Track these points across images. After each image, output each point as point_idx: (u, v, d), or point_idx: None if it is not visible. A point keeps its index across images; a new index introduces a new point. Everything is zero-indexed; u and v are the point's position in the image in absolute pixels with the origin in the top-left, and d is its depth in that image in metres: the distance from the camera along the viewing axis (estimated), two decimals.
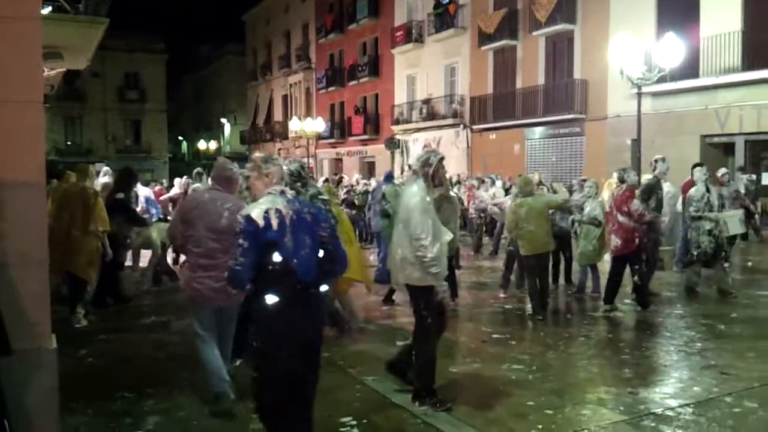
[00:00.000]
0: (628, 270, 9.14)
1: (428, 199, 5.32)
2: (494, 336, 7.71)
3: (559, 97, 24.61)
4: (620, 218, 8.96)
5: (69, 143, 51.26)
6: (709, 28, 19.00)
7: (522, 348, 7.29)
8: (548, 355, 7.01)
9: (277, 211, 3.78)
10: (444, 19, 30.02)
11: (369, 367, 6.59)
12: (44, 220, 4.51)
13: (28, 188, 4.31)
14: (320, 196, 6.56)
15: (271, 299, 3.74)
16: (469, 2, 29.23)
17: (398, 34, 33.02)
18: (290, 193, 3.98)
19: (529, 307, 9.09)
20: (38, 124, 4.42)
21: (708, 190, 10.25)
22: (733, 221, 10.39)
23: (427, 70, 31.93)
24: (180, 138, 66.81)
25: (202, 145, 57.86)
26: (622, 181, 9.27)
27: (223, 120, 56.93)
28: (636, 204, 9.03)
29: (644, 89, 14.61)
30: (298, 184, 6.16)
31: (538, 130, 25.86)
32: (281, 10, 46.26)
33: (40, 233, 4.43)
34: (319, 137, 37.72)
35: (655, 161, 10.32)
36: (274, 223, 3.74)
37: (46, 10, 11.02)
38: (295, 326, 3.78)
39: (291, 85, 44.50)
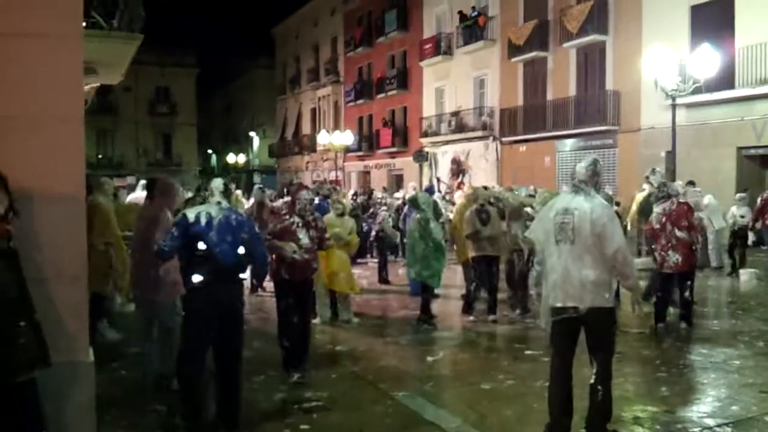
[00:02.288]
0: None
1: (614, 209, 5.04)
2: (527, 352, 7.60)
3: (590, 109, 24.40)
4: (679, 233, 8.63)
5: (100, 156, 51.96)
6: (744, 39, 18.72)
7: None
8: (583, 372, 6.87)
9: (208, 213, 5.08)
10: (473, 31, 29.97)
11: (399, 382, 6.56)
12: (83, 234, 4.56)
13: (66, 203, 4.37)
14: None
15: (196, 278, 5.03)
16: (498, 14, 29.19)
17: (427, 46, 33.04)
18: (225, 204, 5.23)
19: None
20: (78, 139, 4.49)
21: None
22: None
23: (456, 82, 31.88)
24: (209, 151, 67.50)
25: (231, 158, 58.32)
26: (667, 196, 8.94)
27: (252, 133, 57.35)
28: (698, 216, 8.88)
29: (679, 100, 14.48)
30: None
31: (570, 142, 25.64)
32: (310, 24, 46.63)
33: (79, 247, 4.48)
34: (348, 150, 37.80)
35: (651, 173, 10.22)
36: (203, 221, 5.03)
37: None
38: (216, 295, 5.03)
39: (320, 99, 44.74)
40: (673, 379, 6.69)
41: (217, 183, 5.35)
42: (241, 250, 5.14)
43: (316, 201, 9.08)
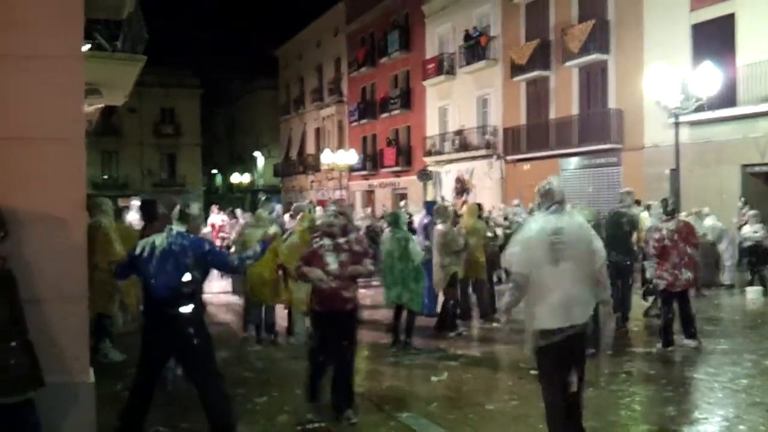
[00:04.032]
0: None
1: None
2: (532, 372, 7.48)
3: (594, 127, 24.40)
4: (690, 251, 8.68)
5: (105, 177, 52.18)
6: (746, 56, 18.75)
7: None
8: (588, 392, 6.81)
9: (152, 243, 4.99)
10: (475, 51, 30.11)
11: (402, 403, 6.51)
12: (83, 255, 4.56)
13: (66, 224, 4.36)
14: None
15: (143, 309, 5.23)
16: (500, 34, 29.34)
17: (430, 66, 33.20)
18: (179, 229, 5.04)
19: None
20: (78, 160, 4.49)
21: None
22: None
23: (459, 101, 31.98)
24: (214, 171, 67.71)
25: (235, 178, 58.47)
26: (672, 213, 8.86)
27: (257, 153, 57.55)
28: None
29: (681, 118, 14.48)
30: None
31: (574, 161, 25.64)
32: (313, 45, 46.90)
33: (79, 269, 4.47)
34: (352, 169, 37.90)
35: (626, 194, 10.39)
36: (146, 252, 4.97)
37: (86, 48, 11.32)
38: (156, 328, 5.03)
39: (323, 119, 44.91)
40: (680, 398, 6.63)
41: (176, 210, 5.21)
42: (187, 276, 4.91)
43: None
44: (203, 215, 5.44)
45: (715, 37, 19.73)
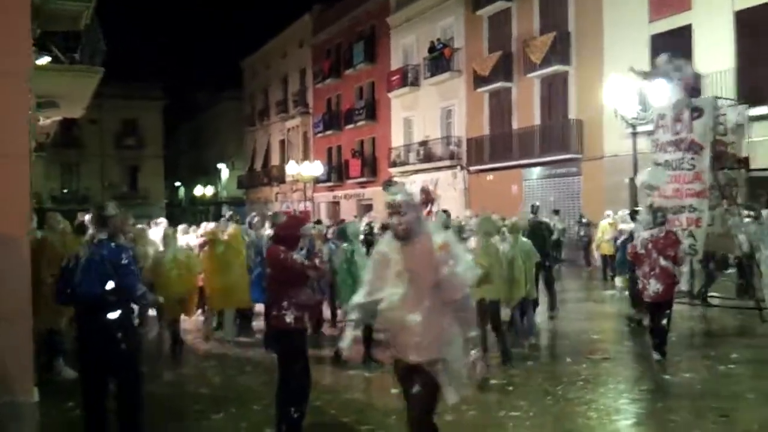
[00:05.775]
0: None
1: None
2: (492, 382, 7.56)
3: (555, 138, 24.74)
4: (663, 262, 8.44)
5: (65, 191, 51.26)
6: (702, 66, 19.13)
7: (519, 394, 7.14)
8: (546, 401, 6.88)
9: (75, 255, 5.02)
10: (439, 62, 30.37)
11: (363, 415, 6.48)
12: (27, 273, 4.47)
13: (9, 241, 4.27)
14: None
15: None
16: (463, 46, 29.62)
17: (394, 78, 33.38)
18: (101, 237, 4.99)
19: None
20: (22, 178, 4.40)
21: None
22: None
23: (424, 112, 32.19)
24: (177, 184, 67.01)
25: (198, 190, 57.93)
26: (661, 223, 8.67)
27: (221, 165, 57.09)
28: (684, 248, 8.82)
29: (639, 128, 14.69)
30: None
31: (536, 171, 25.94)
32: (279, 57, 46.84)
33: (22, 287, 4.38)
34: (317, 181, 37.84)
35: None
36: (71, 262, 4.99)
37: (43, 60, 11.17)
38: (84, 335, 5.01)
39: (288, 130, 44.80)
40: (635, 405, 6.70)
41: (93, 215, 5.15)
42: (110, 285, 4.90)
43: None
44: (125, 211, 5.38)
45: (673, 48, 20.07)
